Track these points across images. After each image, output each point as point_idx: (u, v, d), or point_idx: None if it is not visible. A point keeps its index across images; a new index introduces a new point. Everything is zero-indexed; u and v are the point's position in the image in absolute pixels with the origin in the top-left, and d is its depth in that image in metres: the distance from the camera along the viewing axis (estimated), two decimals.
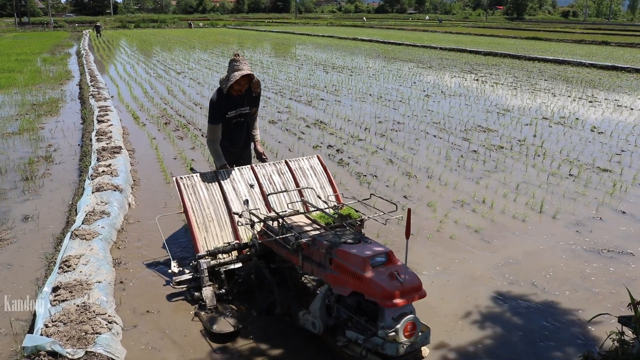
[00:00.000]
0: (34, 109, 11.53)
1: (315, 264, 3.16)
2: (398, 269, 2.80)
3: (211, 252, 3.93)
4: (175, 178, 4.22)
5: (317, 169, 4.67)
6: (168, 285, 4.11)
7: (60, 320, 3.23)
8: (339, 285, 2.96)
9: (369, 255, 2.85)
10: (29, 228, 5.26)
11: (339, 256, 2.97)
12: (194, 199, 4.13)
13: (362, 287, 2.79)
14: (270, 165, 4.56)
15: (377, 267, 2.82)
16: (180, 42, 36.76)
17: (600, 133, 9.60)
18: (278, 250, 3.59)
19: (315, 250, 3.16)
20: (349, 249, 2.96)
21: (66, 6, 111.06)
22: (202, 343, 3.45)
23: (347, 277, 2.89)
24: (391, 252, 2.92)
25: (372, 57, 25.54)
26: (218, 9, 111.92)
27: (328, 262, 3.04)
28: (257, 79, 4.49)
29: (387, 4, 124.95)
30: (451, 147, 8.44)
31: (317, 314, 3.13)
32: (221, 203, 4.19)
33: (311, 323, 3.19)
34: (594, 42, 36.99)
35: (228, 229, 4.13)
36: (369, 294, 2.76)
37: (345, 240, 3.08)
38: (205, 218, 4.08)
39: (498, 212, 5.80)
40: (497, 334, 3.63)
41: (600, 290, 4.21)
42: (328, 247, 3.05)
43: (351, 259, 2.89)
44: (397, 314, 2.73)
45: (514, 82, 16.48)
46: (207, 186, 4.23)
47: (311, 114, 11.07)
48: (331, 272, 3.01)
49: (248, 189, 4.31)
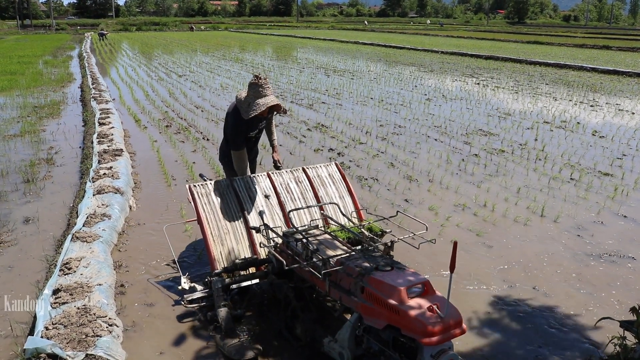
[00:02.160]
0: (36, 111, 11.55)
1: (344, 292, 2.92)
2: (437, 301, 2.61)
3: (228, 268, 3.69)
4: (188, 186, 3.98)
5: (335, 177, 4.47)
6: (178, 304, 3.89)
7: (61, 323, 3.22)
8: (372, 317, 2.73)
9: (405, 286, 2.63)
10: (29, 230, 5.26)
11: (372, 285, 2.73)
12: (208, 209, 3.89)
13: (399, 320, 2.57)
14: (287, 172, 4.34)
15: (415, 298, 2.62)
16: (182, 45, 36.83)
17: (602, 137, 9.60)
18: (300, 271, 3.35)
19: (344, 276, 2.92)
20: (382, 277, 2.73)
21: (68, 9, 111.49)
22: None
23: (382, 309, 2.67)
24: (428, 282, 2.71)
25: (373, 60, 25.57)
26: (219, 12, 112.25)
27: (359, 291, 2.81)
28: (285, 108, 4.18)
29: (389, 8, 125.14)
30: (452, 151, 8.44)
31: (346, 344, 2.89)
32: (237, 213, 3.94)
33: (338, 353, 2.96)
34: (595, 46, 37.03)
35: (245, 242, 3.89)
36: (407, 329, 2.54)
37: (377, 266, 2.86)
38: (220, 230, 3.85)
39: (499, 215, 5.79)
40: (497, 338, 3.62)
41: (602, 294, 4.20)
42: (359, 274, 2.83)
43: (386, 289, 2.66)
44: (436, 350, 2.53)
45: (515, 86, 16.48)
46: (222, 195, 3.98)
47: (312, 117, 11.07)
48: (363, 302, 2.78)
49: (264, 200, 4.08)
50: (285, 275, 3.56)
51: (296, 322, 3.38)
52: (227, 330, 3.43)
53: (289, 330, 3.45)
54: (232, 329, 3.46)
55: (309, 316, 3.34)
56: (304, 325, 3.30)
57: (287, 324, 3.49)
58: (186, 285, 3.77)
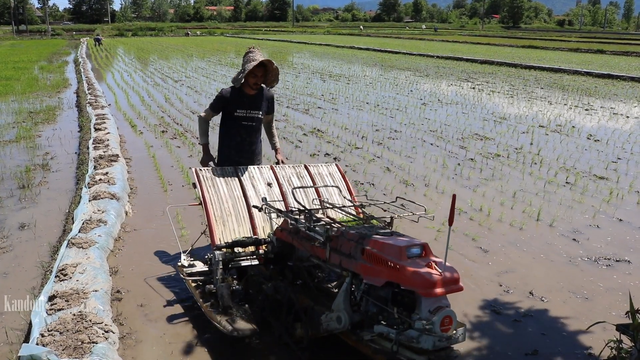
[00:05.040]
0: (31, 116, 11.53)
1: (344, 255, 3.01)
2: (435, 260, 2.72)
3: (229, 244, 3.77)
4: (194, 169, 4.14)
5: (335, 176, 4.58)
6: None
7: (57, 330, 3.20)
8: (372, 276, 2.83)
9: (405, 245, 2.74)
10: (25, 236, 5.24)
11: (373, 246, 2.84)
12: (212, 192, 4.03)
13: (399, 276, 2.66)
14: (290, 167, 4.48)
15: (414, 258, 2.72)
16: (178, 51, 36.85)
17: (597, 141, 9.64)
18: (299, 244, 3.41)
19: (344, 241, 3.02)
20: (383, 239, 2.86)
21: (64, 14, 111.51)
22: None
23: (381, 267, 2.75)
24: (427, 245, 2.80)
25: (369, 65, 25.65)
26: (215, 18, 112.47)
27: (359, 253, 2.90)
28: (277, 66, 4.26)
29: (384, 13, 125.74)
30: (448, 155, 8.46)
31: (342, 307, 2.97)
32: (240, 198, 4.08)
33: (336, 318, 3.01)
34: (590, 50, 37.27)
35: (246, 224, 4.01)
36: (407, 283, 2.64)
37: (376, 232, 2.97)
38: (223, 212, 3.97)
39: (495, 220, 5.80)
40: (493, 343, 3.61)
41: (597, 298, 4.21)
42: (359, 238, 2.95)
43: (386, 249, 2.76)
44: (434, 306, 2.60)
45: (510, 91, 16.56)
46: (227, 180, 4.14)
47: (308, 122, 11.09)
48: (363, 262, 2.87)
49: (267, 188, 4.22)
50: (284, 257, 3.63)
51: (297, 324, 3.36)
52: (225, 307, 3.46)
53: (290, 334, 3.43)
54: (230, 306, 3.49)
55: (309, 294, 3.38)
56: (305, 327, 3.27)
57: (287, 328, 3.47)
58: (186, 262, 3.85)
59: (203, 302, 3.64)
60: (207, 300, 3.64)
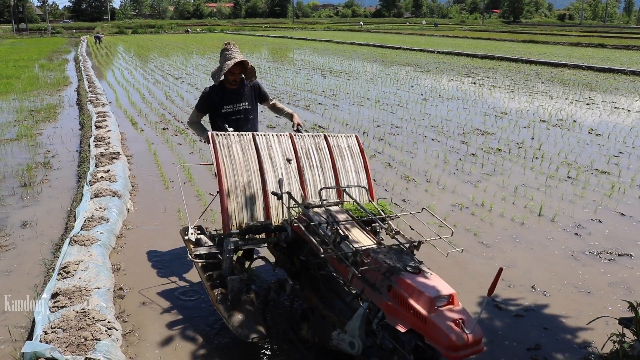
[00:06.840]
0: (32, 115, 11.53)
1: (368, 284, 2.83)
2: (462, 315, 2.56)
3: (242, 231, 3.52)
4: (211, 134, 3.80)
5: (354, 150, 4.29)
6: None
7: (60, 327, 3.22)
8: (395, 318, 2.67)
9: (435, 295, 2.58)
10: (27, 234, 5.25)
11: (401, 286, 2.66)
12: (228, 162, 3.72)
13: (425, 329, 2.52)
14: (309, 137, 4.18)
15: (441, 309, 2.57)
16: (178, 48, 36.81)
17: (598, 135, 9.63)
18: (316, 248, 3.13)
19: (370, 269, 2.84)
20: (411, 279, 2.68)
21: (64, 12, 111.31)
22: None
23: (407, 313, 2.60)
24: (455, 294, 2.66)
25: (369, 61, 25.60)
26: (215, 15, 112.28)
27: (385, 289, 2.75)
28: (252, 65, 4.31)
29: (384, 8, 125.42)
30: (449, 151, 8.45)
31: (357, 333, 2.84)
32: (256, 173, 3.77)
33: (349, 343, 2.88)
34: (590, 44, 37.17)
35: (260, 204, 3.70)
36: (432, 339, 2.49)
37: (404, 266, 2.79)
38: (237, 186, 3.66)
39: (497, 215, 5.80)
40: (495, 337, 3.62)
41: (600, 292, 4.21)
42: (387, 271, 2.77)
43: (415, 295, 2.60)
44: None
45: (511, 85, 16.52)
46: (244, 150, 3.81)
47: (309, 118, 11.08)
48: (388, 301, 2.73)
49: (285, 163, 3.92)
50: (296, 248, 3.50)
51: (303, 323, 3.32)
52: (234, 300, 3.33)
53: (295, 332, 3.41)
54: (240, 299, 3.36)
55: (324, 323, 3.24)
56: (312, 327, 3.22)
57: (292, 326, 3.45)
58: (193, 237, 3.73)
59: (211, 289, 3.50)
60: (216, 287, 3.49)
